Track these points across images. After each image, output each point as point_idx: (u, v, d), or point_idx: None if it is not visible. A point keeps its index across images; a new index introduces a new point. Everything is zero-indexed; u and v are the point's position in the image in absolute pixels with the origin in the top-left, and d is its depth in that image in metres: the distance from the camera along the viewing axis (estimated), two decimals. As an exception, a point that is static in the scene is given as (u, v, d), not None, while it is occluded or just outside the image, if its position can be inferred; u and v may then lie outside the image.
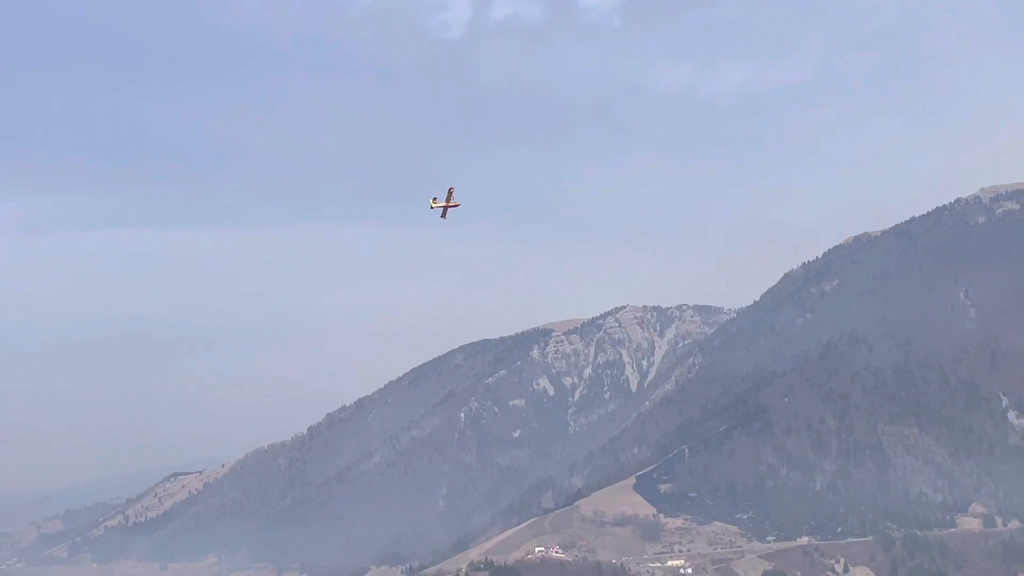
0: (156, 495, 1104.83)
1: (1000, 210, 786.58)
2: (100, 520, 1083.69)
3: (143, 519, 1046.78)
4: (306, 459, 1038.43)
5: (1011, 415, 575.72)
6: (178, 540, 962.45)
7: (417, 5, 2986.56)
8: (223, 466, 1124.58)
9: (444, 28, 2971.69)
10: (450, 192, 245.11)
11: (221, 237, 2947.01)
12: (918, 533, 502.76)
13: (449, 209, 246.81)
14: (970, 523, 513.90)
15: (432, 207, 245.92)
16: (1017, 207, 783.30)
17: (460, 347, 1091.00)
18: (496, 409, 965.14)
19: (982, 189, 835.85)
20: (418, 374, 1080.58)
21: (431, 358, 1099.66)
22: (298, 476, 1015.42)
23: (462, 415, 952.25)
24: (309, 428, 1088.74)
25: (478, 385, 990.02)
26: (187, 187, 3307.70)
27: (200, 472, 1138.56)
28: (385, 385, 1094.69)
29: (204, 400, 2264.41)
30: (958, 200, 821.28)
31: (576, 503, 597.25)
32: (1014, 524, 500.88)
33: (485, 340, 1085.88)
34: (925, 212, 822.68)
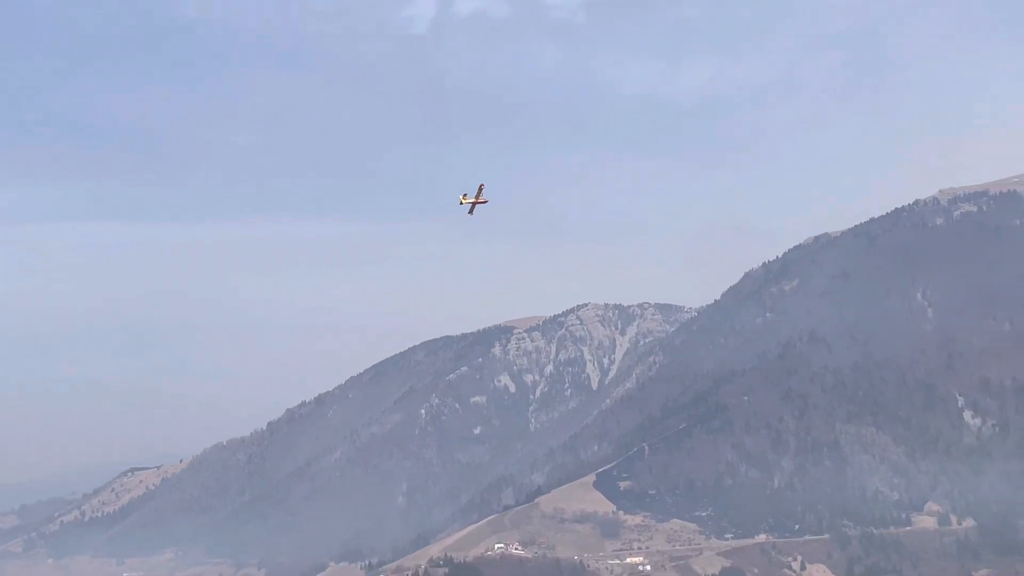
0: (113, 490, 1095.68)
1: (958, 212, 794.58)
2: (56, 515, 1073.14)
3: (100, 514, 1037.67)
4: (265, 455, 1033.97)
5: (967, 415, 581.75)
6: (135, 535, 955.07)
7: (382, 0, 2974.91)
8: (181, 461, 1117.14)
9: (409, 23, 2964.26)
10: (480, 188, 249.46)
11: (182, 231, 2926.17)
12: (874, 531, 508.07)
13: (477, 205, 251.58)
14: (925, 522, 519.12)
15: (461, 203, 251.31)
16: (975, 209, 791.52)
17: (422, 343, 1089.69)
18: (457, 406, 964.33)
19: (940, 191, 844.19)
20: (379, 370, 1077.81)
21: (392, 354, 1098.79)
22: (257, 472, 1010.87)
23: (423, 411, 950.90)
24: (268, 424, 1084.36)
25: (439, 382, 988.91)
26: (148, 181, 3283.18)
27: (158, 467, 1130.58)
28: (346, 381, 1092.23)
29: (162, 395, 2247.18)
30: (917, 201, 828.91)
31: (536, 500, 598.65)
32: (969, 523, 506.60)
33: (447, 337, 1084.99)
34: (884, 213, 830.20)
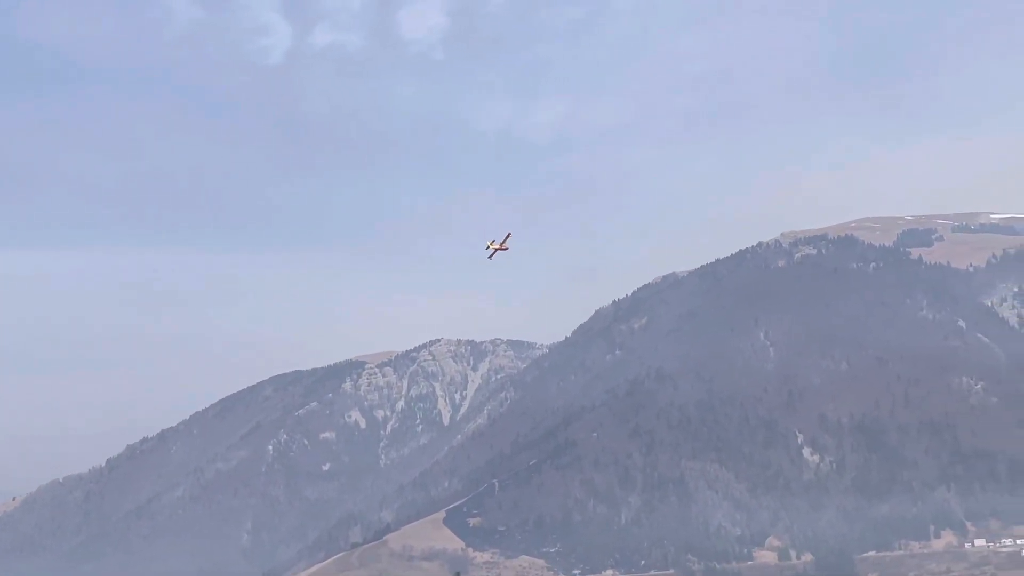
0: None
1: (799, 254, 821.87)
2: None
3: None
4: (104, 492, 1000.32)
5: (806, 452, 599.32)
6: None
7: (236, 29, 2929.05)
8: (14, 499, 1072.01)
9: (264, 53, 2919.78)
10: (507, 236, 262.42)
11: (20, 258, 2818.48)
12: (717, 566, 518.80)
13: (498, 251, 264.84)
14: (766, 556, 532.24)
15: (488, 247, 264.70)
16: (814, 252, 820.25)
17: (270, 378, 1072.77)
18: (306, 442, 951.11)
19: (782, 234, 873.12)
20: (225, 405, 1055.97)
21: (239, 389, 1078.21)
22: (95, 510, 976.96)
23: (270, 447, 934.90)
24: (108, 460, 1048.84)
25: (288, 417, 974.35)
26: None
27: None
28: (190, 416, 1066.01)
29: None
30: (760, 244, 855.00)
31: (385, 537, 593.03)
32: (807, 557, 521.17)
33: (296, 371, 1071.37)
34: (729, 254, 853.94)
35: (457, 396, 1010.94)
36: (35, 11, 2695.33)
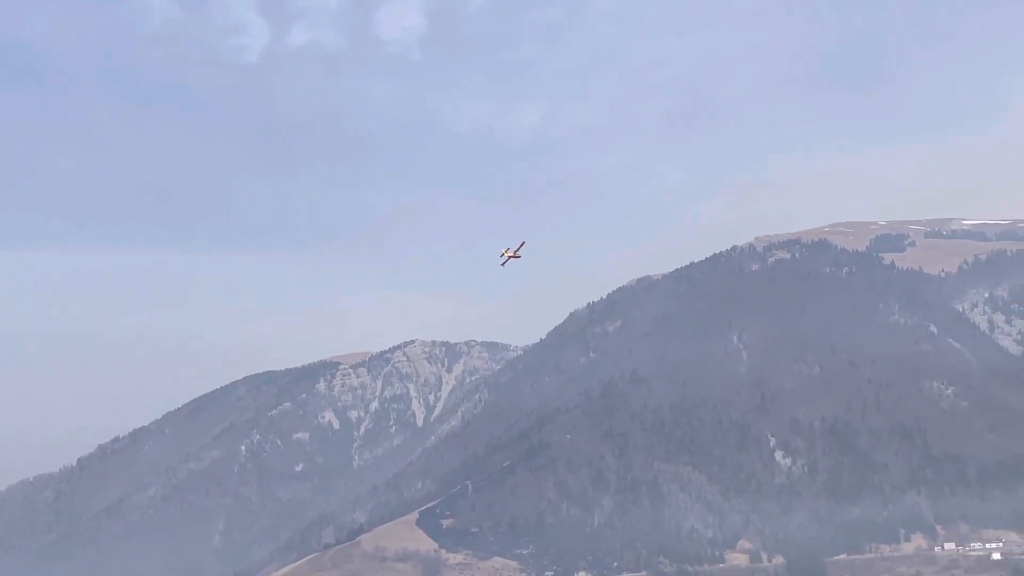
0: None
1: (772, 258, 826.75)
2: None
3: None
4: (75, 492, 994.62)
5: (778, 455, 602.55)
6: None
7: (212, 27, 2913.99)
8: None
9: (240, 52, 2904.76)
10: (521, 245, 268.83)
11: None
12: (689, 568, 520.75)
13: (511, 259, 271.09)
14: (738, 559, 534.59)
15: (502, 255, 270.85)
16: (788, 256, 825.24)
17: (243, 378, 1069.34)
18: (279, 442, 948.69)
19: (756, 238, 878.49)
20: (198, 405, 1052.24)
21: (212, 388, 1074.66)
22: (65, 510, 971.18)
23: (243, 448, 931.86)
24: (79, 459, 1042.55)
25: (261, 417, 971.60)
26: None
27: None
28: (162, 416, 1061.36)
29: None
30: (734, 247, 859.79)
31: (358, 539, 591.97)
32: (779, 560, 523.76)
33: (270, 371, 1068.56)
34: (703, 258, 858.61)
35: (431, 397, 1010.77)
36: (6, 7, 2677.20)
